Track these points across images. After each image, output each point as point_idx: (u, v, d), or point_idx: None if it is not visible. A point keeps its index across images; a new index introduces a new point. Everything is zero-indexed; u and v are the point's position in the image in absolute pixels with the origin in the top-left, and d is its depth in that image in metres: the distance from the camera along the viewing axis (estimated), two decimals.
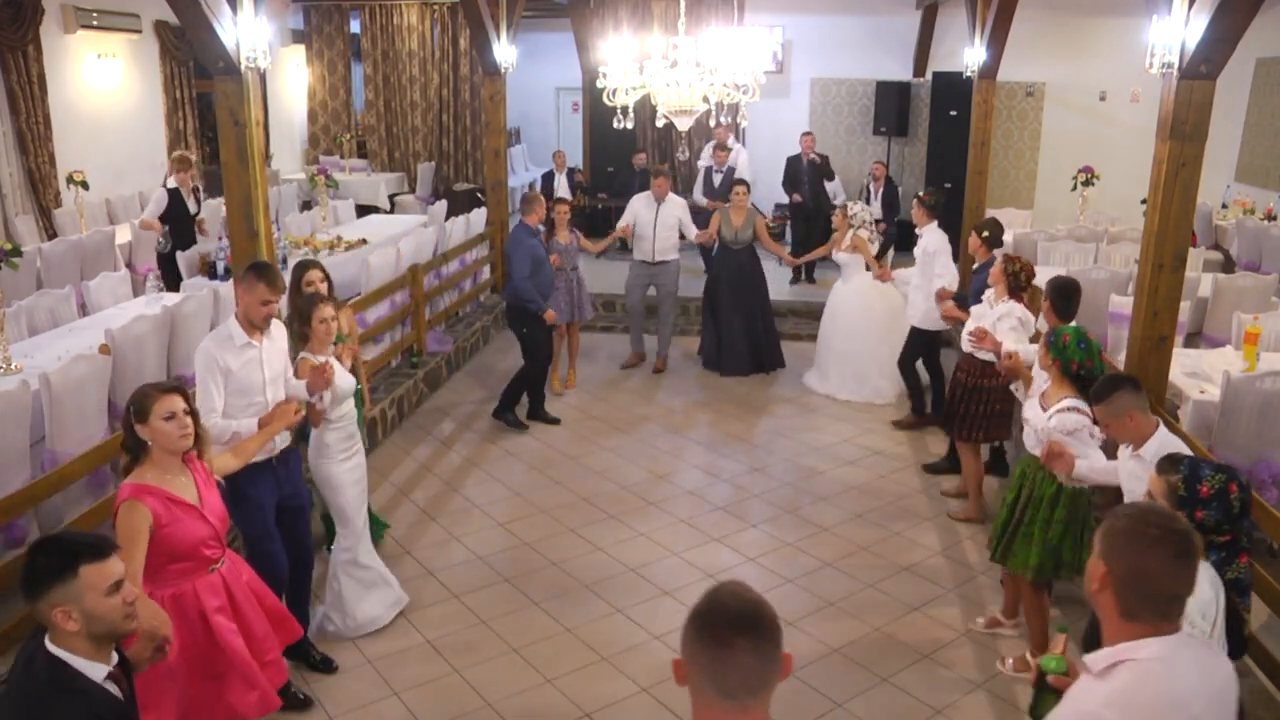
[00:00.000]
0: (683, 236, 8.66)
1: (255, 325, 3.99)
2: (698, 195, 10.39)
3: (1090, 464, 3.90)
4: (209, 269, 7.30)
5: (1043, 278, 5.45)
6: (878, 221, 9.31)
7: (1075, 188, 9.88)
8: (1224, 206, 10.70)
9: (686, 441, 7.11)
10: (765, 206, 12.94)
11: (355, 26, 14.62)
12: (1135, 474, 3.43)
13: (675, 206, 8.49)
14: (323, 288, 4.83)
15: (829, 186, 11.46)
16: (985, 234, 6.23)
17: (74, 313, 6.58)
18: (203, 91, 11.91)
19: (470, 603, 4.94)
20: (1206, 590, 2.53)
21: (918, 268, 7.00)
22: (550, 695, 4.23)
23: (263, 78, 5.44)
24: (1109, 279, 7.38)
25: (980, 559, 5.35)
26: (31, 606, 2.25)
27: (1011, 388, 5.11)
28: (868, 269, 7.83)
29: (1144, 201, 5.15)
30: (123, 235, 8.80)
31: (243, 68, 5.13)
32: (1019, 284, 5.38)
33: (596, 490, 6.27)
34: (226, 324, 4.05)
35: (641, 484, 6.37)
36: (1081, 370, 4.02)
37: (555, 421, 7.38)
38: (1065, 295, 4.75)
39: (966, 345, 5.54)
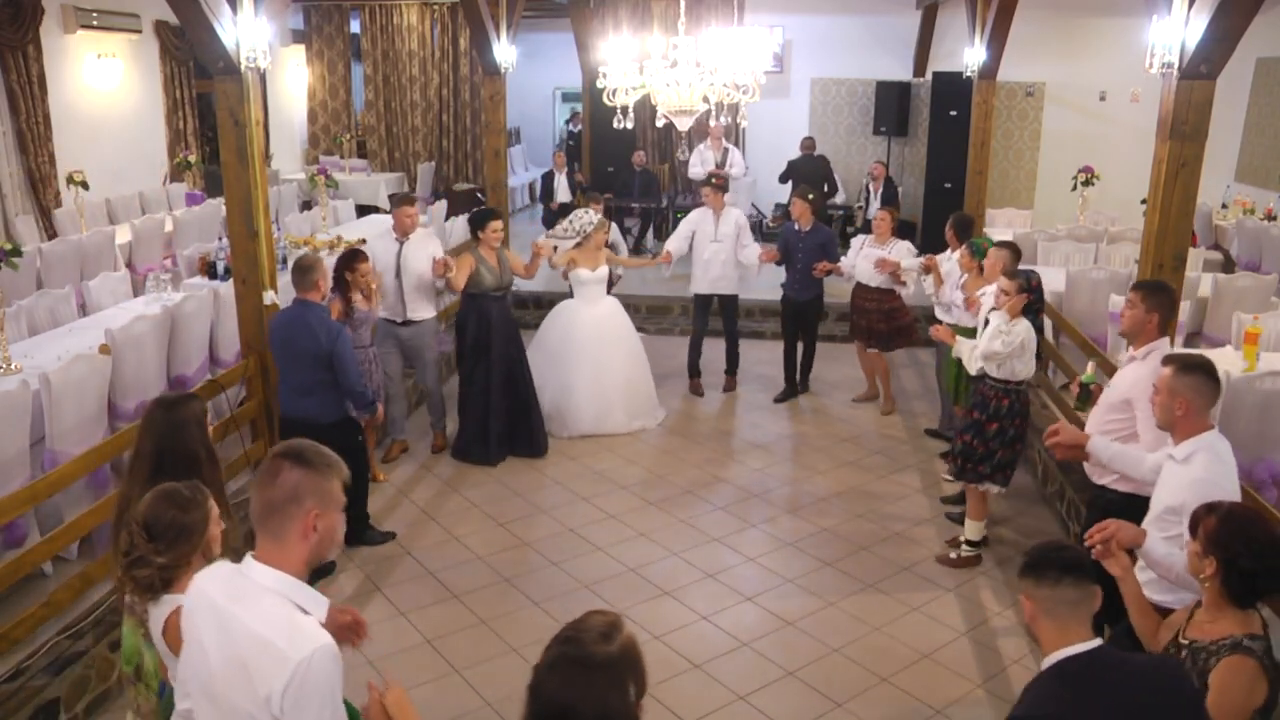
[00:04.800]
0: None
1: None
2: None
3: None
4: (209, 269, 7.27)
5: (1045, 279, 5.50)
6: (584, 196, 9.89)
7: (1075, 188, 9.88)
8: (1224, 206, 10.69)
9: (686, 442, 7.11)
10: (766, 206, 12.96)
11: (355, 26, 14.65)
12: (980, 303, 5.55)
13: (427, 242, 6.52)
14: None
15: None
16: (810, 196, 7.67)
17: (74, 313, 6.58)
18: (203, 91, 11.91)
19: (470, 603, 4.94)
20: (1032, 335, 4.82)
21: (724, 243, 7.74)
22: None
23: (263, 78, 5.46)
24: (1109, 279, 7.37)
25: (983, 560, 5.37)
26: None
27: (924, 284, 6.68)
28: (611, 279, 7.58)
29: (1144, 201, 5.16)
30: (123, 235, 8.80)
31: (243, 68, 5.15)
32: (903, 230, 7.38)
33: (596, 490, 6.27)
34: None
35: (641, 484, 6.37)
36: None
37: (389, 537, 5.59)
38: (965, 225, 6.62)
39: (871, 279, 7.20)
